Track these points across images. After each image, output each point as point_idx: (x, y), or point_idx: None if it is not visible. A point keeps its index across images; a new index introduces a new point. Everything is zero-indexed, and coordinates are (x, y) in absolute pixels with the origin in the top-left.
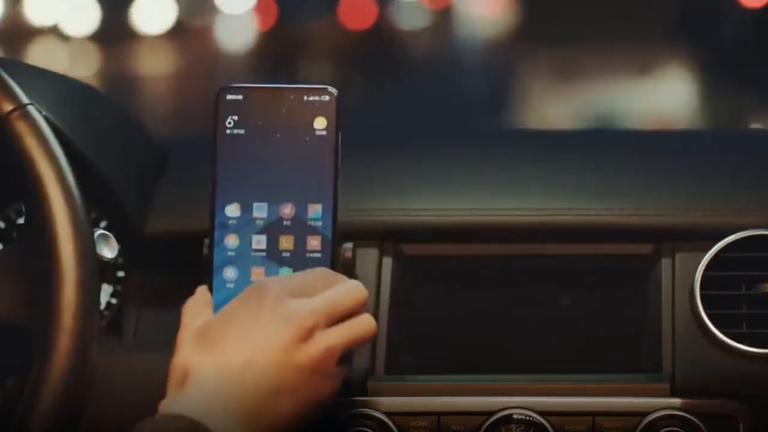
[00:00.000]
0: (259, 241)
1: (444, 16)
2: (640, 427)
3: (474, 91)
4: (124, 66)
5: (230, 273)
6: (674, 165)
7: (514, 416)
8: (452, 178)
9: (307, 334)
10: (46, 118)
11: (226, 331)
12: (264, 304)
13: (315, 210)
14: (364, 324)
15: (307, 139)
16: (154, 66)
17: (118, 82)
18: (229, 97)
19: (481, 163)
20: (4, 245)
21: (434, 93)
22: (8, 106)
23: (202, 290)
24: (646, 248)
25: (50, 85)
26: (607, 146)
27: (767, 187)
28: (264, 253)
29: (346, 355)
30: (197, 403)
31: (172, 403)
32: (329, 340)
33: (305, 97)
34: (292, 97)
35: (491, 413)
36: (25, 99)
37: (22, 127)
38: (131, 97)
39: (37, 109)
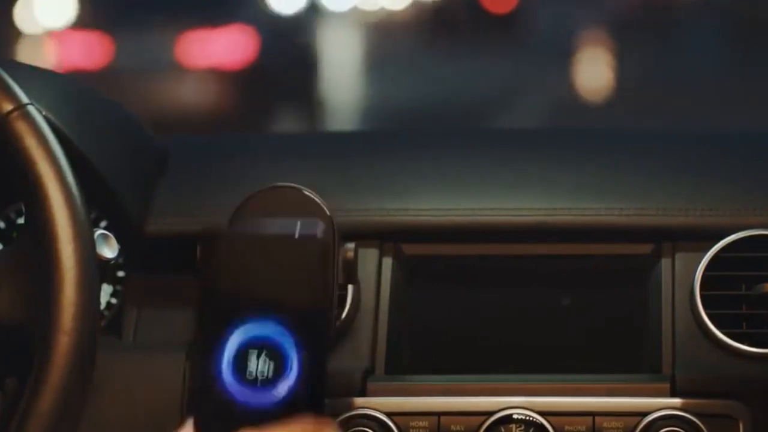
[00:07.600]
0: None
1: None
2: (640, 427)
3: None
4: None
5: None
6: (674, 165)
7: (514, 416)
8: (452, 178)
9: None
10: (46, 118)
11: None
12: None
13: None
14: None
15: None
16: None
17: None
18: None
19: (481, 163)
20: (4, 245)
21: None
22: (8, 106)
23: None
24: (646, 248)
25: (50, 85)
26: (607, 146)
27: (767, 187)
28: (250, 378)
29: None
30: None
31: None
32: None
33: (296, 236)
34: (282, 243)
35: (491, 413)
36: (25, 99)
37: (22, 127)
38: None
39: (37, 109)
